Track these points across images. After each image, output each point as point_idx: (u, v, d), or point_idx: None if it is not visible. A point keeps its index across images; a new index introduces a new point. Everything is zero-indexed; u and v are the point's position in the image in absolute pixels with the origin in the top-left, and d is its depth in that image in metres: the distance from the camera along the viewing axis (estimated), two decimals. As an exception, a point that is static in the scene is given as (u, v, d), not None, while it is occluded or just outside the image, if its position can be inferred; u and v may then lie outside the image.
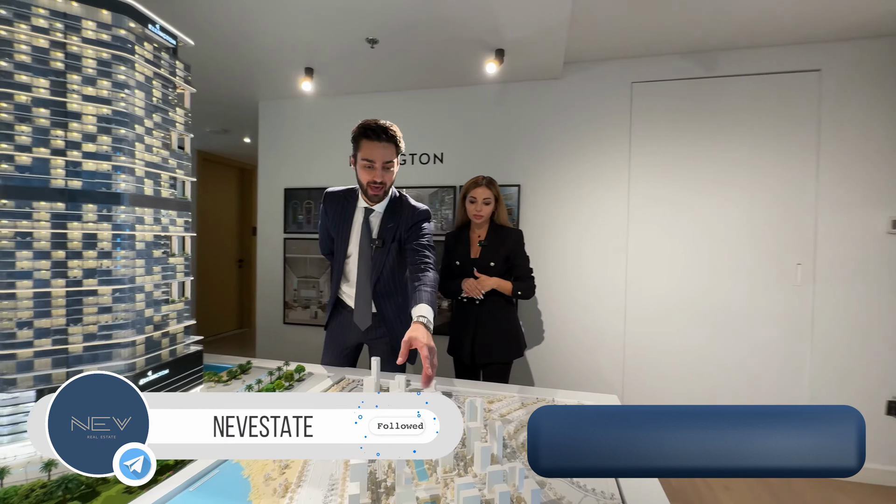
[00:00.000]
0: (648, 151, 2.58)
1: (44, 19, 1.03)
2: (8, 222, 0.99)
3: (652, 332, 2.58)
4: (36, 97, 1.02)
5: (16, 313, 1.01)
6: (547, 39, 2.16)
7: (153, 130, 1.24)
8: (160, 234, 1.27)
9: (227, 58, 2.54)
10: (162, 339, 1.27)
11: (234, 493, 0.86)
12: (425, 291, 1.41)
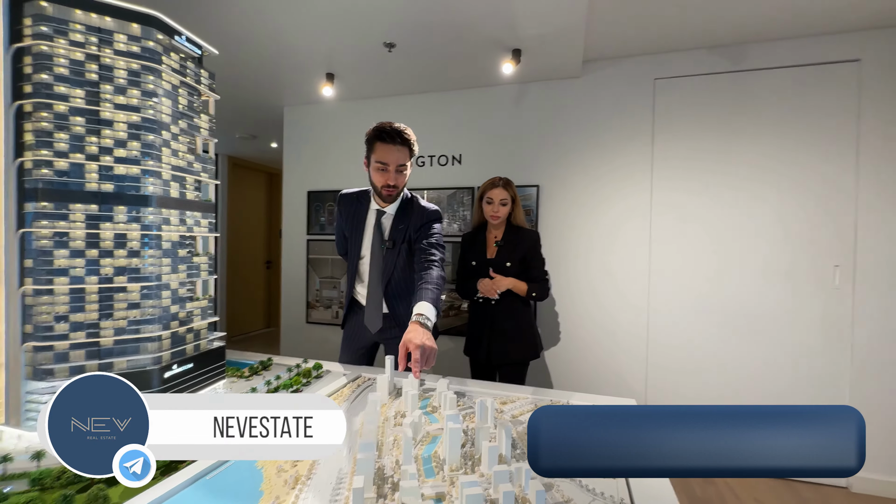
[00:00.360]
0: (672, 149, 2.50)
1: (80, 34, 1.10)
2: (47, 223, 1.07)
3: (677, 337, 2.49)
4: (73, 106, 1.09)
5: (53, 308, 1.08)
6: (564, 37, 2.14)
7: (179, 136, 1.30)
8: (185, 234, 1.33)
9: (254, 66, 2.65)
10: (186, 334, 1.33)
11: (248, 482, 0.89)
12: (427, 289, 1.41)
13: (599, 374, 2.62)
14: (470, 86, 2.85)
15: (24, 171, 1.06)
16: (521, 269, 2.00)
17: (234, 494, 0.85)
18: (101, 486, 0.80)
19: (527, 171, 2.74)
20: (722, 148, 2.42)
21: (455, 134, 2.93)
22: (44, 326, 1.07)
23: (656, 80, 2.48)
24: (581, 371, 2.65)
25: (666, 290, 2.50)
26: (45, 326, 1.07)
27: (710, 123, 2.43)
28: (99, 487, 0.79)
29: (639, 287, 2.54)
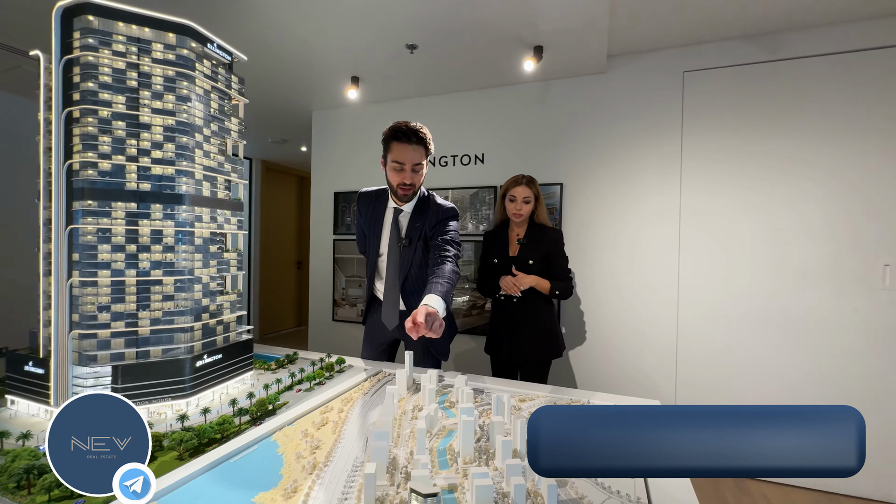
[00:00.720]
0: (703, 145, 2.39)
1: (122, 44, 1.19)
2: (92, 220, 1.16)
3: (709, 339, 2.38)
4: (115, 112, 1.18)
5: (97, 298, 1.17)
6: (587, 32, 2.10)
7: (211, 138, 1.37)
8: (216, 231, 1.40)
9: (283, 71, 2.75)
10: (217, 326, 1.39)
11: (269, 466, 0.93)
12: (437, 283, 1.41)
13: (626, 375, 2.54)
14: (493, 85, 2.85)
15: (73, 172, 1.15)
16: (543, 267, 1.99)
17: (256, 477, 0.89)
18: (135, 463, 0.86)
19: (550, 169, 2.70)
20: (757, 142, 2.29)
21: (478, 133, 2.93)
22: (88, 315, 1.16)
23: (685, 73, 2.39)
24: (607, 372, 2.58)
25: (697, 290, 2.40)
26: (90, 315, 1.16)
27: (744, 117, 2.31)
28: (133, 464, 0.85)
29: (668, 287, 2.45)
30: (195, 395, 1.24)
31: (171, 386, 1.20)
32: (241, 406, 1.19)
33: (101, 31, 1.17)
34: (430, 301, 1.34)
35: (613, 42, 2.33)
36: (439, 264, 1.49)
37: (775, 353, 2.27)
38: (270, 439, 1.06)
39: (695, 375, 2.41)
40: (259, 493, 0.83)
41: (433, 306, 1.32)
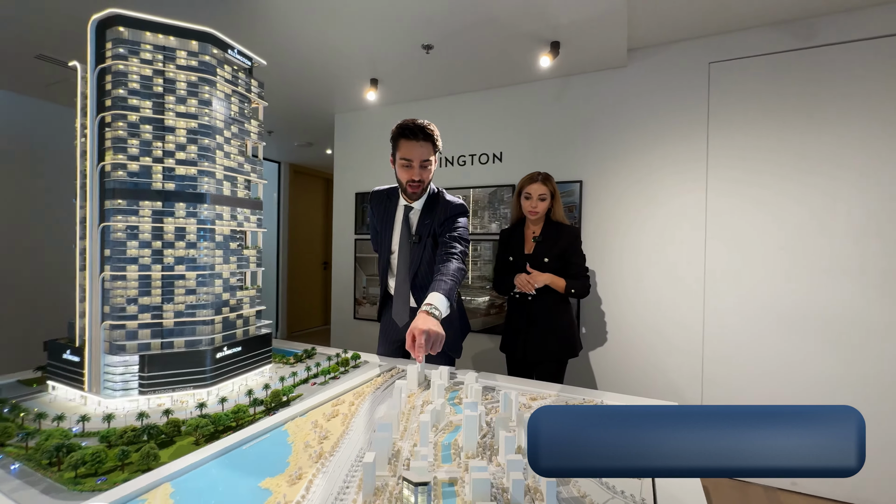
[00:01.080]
0: (730, 139, 2.28)
1: (149, 53, 1.26)
2: (121, 218, 1.23)
3: (737, 342, 2.26)
4: (143, 116, 1.25)
5: (126, 291, 1.24)
6: (605, 25, 2.05)
7: (231, 140, 1.44)
8: (236, 228, 1.46)
9: (306, 76, 2.83)
10: (236, 320, 1.45)
11: (278, 454, 0.96)
12: (441, 281, 1.41)
13: (649, 377, 2.45)
14: (510, 83, 2.83)
15: (105, 173, 1.24)
16: (559, 266, 1.96)
17: (265, 463, 0.92)
18: (153, 445, 0.91)
19: (569, 166, 2.65)
20: (789, 137, 2.16)
21: (496, 132, 2.92)
22: (118, 307, 1.23)
23: (711, 63, 2.29)
24: (629, 373, 2.50)
25: (725, 290, 2.29)
26: (119, 308, 1.23)
27: (776, 109, 2.19)
28: (151, 446, 0.90)
29: (693, 287, 2.35)
30: (215, 384, 1.29)
31: (192, 376, 1.26)
32: (257, 397, 1.24)
33: (131, 40, 1.24)
34: (433, 300, 1.35)
35: (634, 35, 2.26)
36: (444, 261, 1.50)
37: (808, 356, 2.14)
38: (282, 428, 1.10)
39: (721, 376, 2.30)
40: (266, 479, 0.85)
41: (435, 306, 1.33)
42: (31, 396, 1.30)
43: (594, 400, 1.33)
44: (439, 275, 1.44)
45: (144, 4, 1.98)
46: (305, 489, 0.81)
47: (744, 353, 2.26)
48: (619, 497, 0.81)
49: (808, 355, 2.14)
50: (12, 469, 0.87)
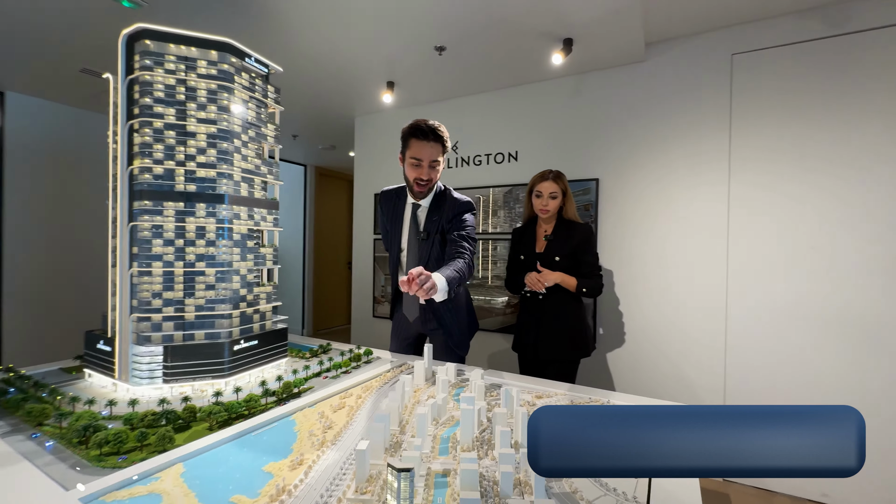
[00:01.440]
0: (754, 134, 2.18)
1: (172, 63, 1.35)
2: (148, 218, 1.32)
3: (762, 344, 2.15)
4: (167, 123, 1.34)
5: (152, 286, 1.33)
6: (619, 19, 2.00)
7: (248, 143, 1.51)
8: (253, 227, 1.54)
9: (326, 81, 2.92)
10: (253, 314, 1.52)
11: (283, 441, 1.01)
12: (445, 268, 1.43)
13: (668, 380, 2.38)
14: (525, 81, 2.80)
15: (133, 176, 1.33)
16: (571, 264, 1.93)
17: (270, 449, 0.97)
18: (169, 429, 0.97)
19: (586, 164, 2.61)
20: (817, 129, 2.04)
21: (511, 131, 2.91)
22: (144, 301, 1.32)
23: (734, 55, 2.19)
24: (647, 375, 2.43)
25: (749, 291, 2.19)
26: (146, 301, 1.32)
27: (803, 101, 2.07)
28: (167, 430, 0.96)
29: (715, 288, 2.26)
30: (232, 375, 1.36)
31: (211, 366, 1.34)
32: (269, 388, 1.29)
33: (156, 52, 1.33)
34: (433, 277, 1.37)
35: (651, 28, 2.19)
36: (453, 258, 1.53)
37: (836, 359, 2.01)
38: (290, 418, 1.15)
39: (745, 380, 2.20)
40: (270, 462, 0.90)
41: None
42: (70, 382, 1.41)
43: (600, 399, 1.32)
44: (445, 265, 1.47)
45: (173, 18, 2.12)
46: (304, 474, 0.85)
47: (768, 356, 2.15)
48: (610, 494, 0.80)
49: (835, 359, 2.02)
50: (47, 446, 0.95)
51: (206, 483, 0.82)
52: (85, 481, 0.80)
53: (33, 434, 1.01)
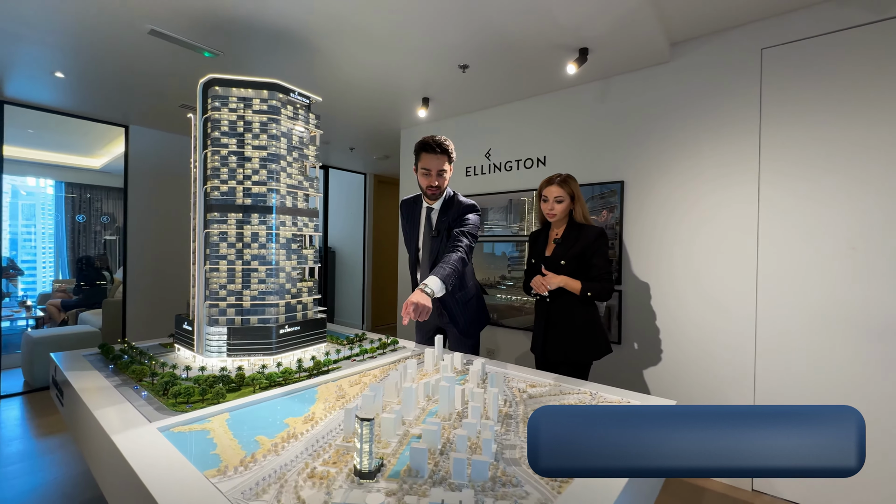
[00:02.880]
0: (786, 131, 2.03)
1: (234, 103, 1.69)
2: (216, 226, 1.68)
3: (795, 353, 1.97)
4: (230, 150, 1.69)
5: (218, 280, 1.68)
6: (631, 26, 2.01)
7: (293, 163, 1.82)
8: (297, 233, 1.85)
9: (376, 100, 3.24)
10: (297, 305, 1.83)
11: (304, 404, 1.26)
12: (441, 267, 1.66)
13: (695, 386, 2.29)
14: (550, 90, 2.88)
15: (207, 193, 1.70)
16: (579, 267, 1.92)
17: (293, 409, 1.22)
18: (222, 388, 1.28)
19: (611, 167, 2.59)
20: (853, 124, 1.85)
21: (539, 137, 2.98)
22: (214, 292, 1.68)
23: (764, 50, 2.05)
24: (673, 379, 2.36)
25: (779, 294, 2.04)
26: (214, 292, 1.68)
27: (839, 95, 1.89)
28: (220, 388, 1.27)
29: (744, 291, 2.12)
30: (278, 354, 1.67)
31: (262, 345, 1.65)
32: (303, 365, 1.57)
33: (222, 95, 1.69)
34: (429, 282, 1.61)
35: (674, 28, 2.15)
36: (449, 252, 1.74)
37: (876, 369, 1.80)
38: (315, 388, 1.41)
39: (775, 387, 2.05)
40: (289, 417, 1.16)
41: (429, 287, 1.59)
42: (164, 354, 1.83)
43: (586, 391, 1.40)
44: (441, 262, 1.69)
45: (242, 63, 2.55)
46: (311, 426, 1.09)
47: (800, 362, 1.99)
48: (551, 461, 0.93)
49: (873, 368, 1.82)
50: (143, 395, 1.30)
51: (241, 427, 1.10)
52: (162, 418, 1.11)
53: (135, 386, 1.37)
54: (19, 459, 2.48)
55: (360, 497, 0.77)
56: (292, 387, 1.39)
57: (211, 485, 0.80)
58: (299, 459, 0.91)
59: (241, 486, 0.80)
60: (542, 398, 1.34)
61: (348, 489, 0.81)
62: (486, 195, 3.25)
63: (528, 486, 0.83)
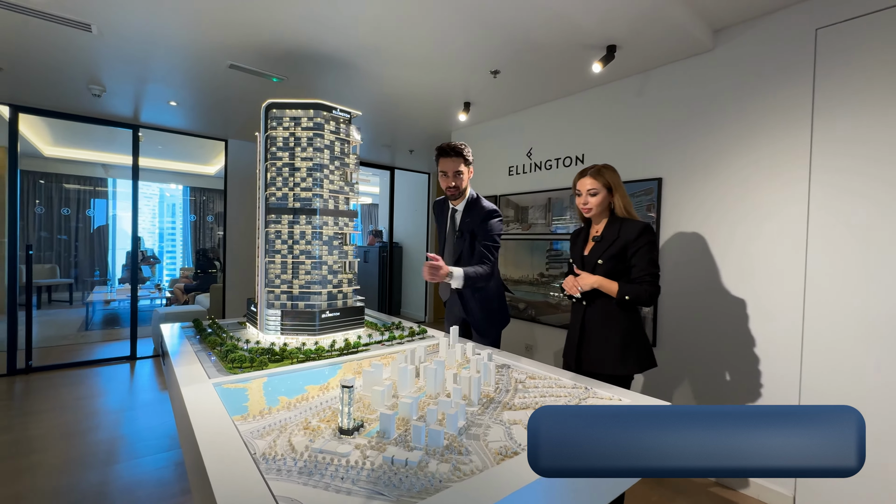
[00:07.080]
0: (843, 123, 1.78)
1: (287, 121, 2.01)
2: (273, 225, 2.01)
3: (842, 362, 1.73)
4: (283, 162, 2.01)
5: (275, 270, 2.02)
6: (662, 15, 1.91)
7: (335, 171, 2.10)
8: (338, 231, 2.12)
9: (427, 106, 3.47)
10: (337, 294, 2.11)
11: (326, 375, 1.51)
12: (472, 268, 1.86)
13: (738, 390, 2.11)
14: (586, 87, 2.82)
15: (267, 199, 2.04)
16: (617, 267, 1.73)
17: (315, 378, 1.47)
18: (265, 359, 1.58)
19: (650, 162, 2.45)
20: None
21: (577, 134, 2.93)
22: (271, 280, 2.02)
23: (818, 30, 1.80)
24: (711, 383, 2.20)
25: (827, 299, 1.79)
26: (271, 280, 2.02)
27: None
28: (264, 359, 1.57)
29: (790, 294, 1.89)
30: (321, 335, 1.96)
31: (308, 327, 1.96)
32: (337, 345, 1.84)
33: (278, 116, 2.02)
34: (454, 269, 1.81)
35: (717, 13, 1.99)
36: (478, 264, 1.93)
37: None
38: (340, 365, 1.66)
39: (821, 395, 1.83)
40: (310, 385, 1.41)
41: (453, 273, 1.80)
42: (238, 329, 2.24)
43: (592, 390, 1.44)
44: (474, 264, 1.92)
45: (304, 86, 2.92)
46: (322, 393, 1.32)
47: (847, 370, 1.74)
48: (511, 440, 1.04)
49: None
50: (212, 359, 1.66)
51: (271, 388, 1.37)
52: (218, 377, 1.43)
53: (209, 352, 1.75)
54: (149, 404, 3.26)
55: (334, 446, 0.97)
56: (322, 362, 1.65)
57: (233, 425, 1.06)
58: (302, 415, 1.15)
59: (253, 429, 1.05)
60: (532, 389, 1.43)
61: (328, 440, 1.01)
62: (528, 194, 3.29)
63: (475, 456, 0.96)
